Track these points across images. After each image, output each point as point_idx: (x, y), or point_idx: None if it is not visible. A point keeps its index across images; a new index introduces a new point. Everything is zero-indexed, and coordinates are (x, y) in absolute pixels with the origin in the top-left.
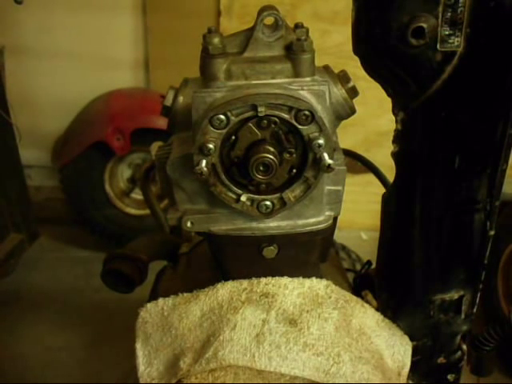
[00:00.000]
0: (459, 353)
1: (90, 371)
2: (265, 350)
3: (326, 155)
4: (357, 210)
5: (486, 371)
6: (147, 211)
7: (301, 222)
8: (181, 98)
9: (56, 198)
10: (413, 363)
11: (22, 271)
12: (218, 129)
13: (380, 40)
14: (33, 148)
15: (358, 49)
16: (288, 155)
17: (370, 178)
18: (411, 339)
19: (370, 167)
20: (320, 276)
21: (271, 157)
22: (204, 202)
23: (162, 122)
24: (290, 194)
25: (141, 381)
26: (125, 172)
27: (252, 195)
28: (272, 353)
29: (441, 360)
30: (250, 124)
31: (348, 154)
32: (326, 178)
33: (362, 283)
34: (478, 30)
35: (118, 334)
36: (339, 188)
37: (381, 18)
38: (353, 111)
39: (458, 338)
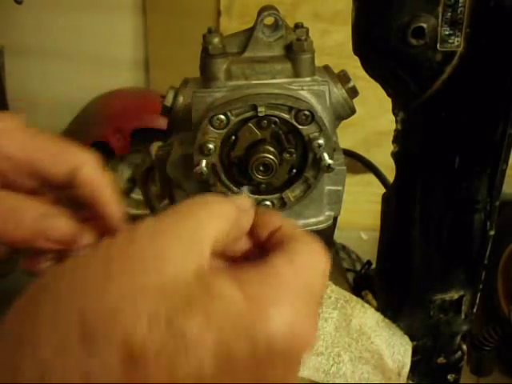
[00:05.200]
0: (459, 353)
1: None
2: None
3: (326, 155)
4: (357, 210)
5: (486, 371)
6: (147, 211)
7: (301, 222)
8: (181, 98)
9: None
10: (413, 363)
11: (22, 271)
12: (218, 129)
13: (380, 40)
14: None
15: (358, 49)
16: (288, 155)
17: (370, 178)
18: (411, 339)
19: (370, 167)
20: None
21: (271, 157)
22: None
23: (162, 122)
24: (290, 194)
25: None
26: (125, 172)
27: (252, 195)
28: None
29: (441, 360)
30: (250, 124)
31: (348, 154)
32: (326, 178)
33: (361, 283)
34: (478, 30)
35: None
36: (339, 188)
37: (381, 18)
38: (353, 111)
39: (458, 338)
